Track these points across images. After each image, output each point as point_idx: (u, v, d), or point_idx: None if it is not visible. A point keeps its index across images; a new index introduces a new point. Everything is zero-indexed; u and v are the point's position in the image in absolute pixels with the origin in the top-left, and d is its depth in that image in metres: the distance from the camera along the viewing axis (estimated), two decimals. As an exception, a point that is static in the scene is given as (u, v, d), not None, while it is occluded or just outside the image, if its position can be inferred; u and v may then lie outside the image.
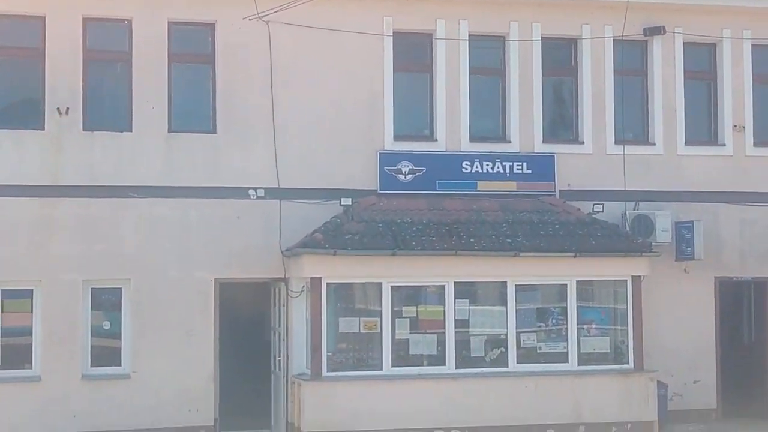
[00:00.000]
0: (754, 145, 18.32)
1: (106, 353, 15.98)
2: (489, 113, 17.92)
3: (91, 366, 15.69)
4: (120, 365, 15.82)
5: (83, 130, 15.62)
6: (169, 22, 16.05)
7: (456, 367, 15.84)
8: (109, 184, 15.83)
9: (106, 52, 16.51)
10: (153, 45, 16.29)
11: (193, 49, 16.85)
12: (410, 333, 15.87)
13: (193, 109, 16.72)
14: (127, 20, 15.95)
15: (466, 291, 16.26)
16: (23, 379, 15.54)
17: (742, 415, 18.08)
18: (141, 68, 16.19)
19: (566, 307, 16.32)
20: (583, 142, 17.88)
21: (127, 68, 16.16)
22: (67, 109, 15.47)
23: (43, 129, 15.56)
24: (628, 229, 17.21)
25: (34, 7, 15.86)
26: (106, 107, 16.43)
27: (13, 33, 15.97)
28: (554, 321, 16.61)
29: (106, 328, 15.94)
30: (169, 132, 16.03)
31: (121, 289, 15.82)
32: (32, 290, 15.51)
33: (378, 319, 15.79)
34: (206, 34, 16.46)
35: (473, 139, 17.44)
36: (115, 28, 16.23)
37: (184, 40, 16.70)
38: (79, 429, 15.32)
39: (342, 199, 16.50)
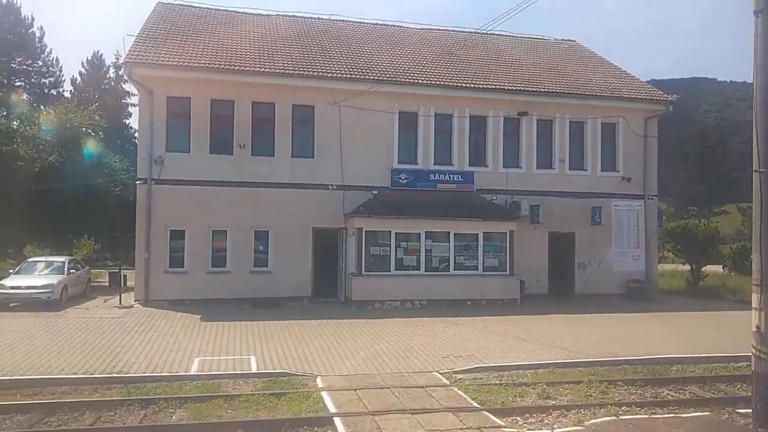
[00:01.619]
0: (569, 169, 21.67)
1: (261, 260, 19.25)
2: (443, 151, 20.80)
3: (254, 266, 19.13)
4: (268, 266, 19.23)
5: (252, 155, 19.16)
6: (292, 105, 19.51)
7: (425, 271, 19.23)
8: (264, 181, 19.10)
9: (261, 118, 19.35)
10: (284, 116, 19.45)
11: (304, 117, 19.68)
12: (404, 255, 19.19)
13: (303, 146, 19.63)
14: (272, 103, 19.35)
15: (430, 235, 19.32)
16: (222, 272, 18.80)
17: (561, 296, 20.79)
18: (279, 126, 19.37)
19: (477, 244, 19.62)
20: (488, 166, 20.99)
21: (271, 126, 19.37)
22: (244, 144, 19.09)
23: (232, 154, 19.07)
24: (508, 208, 20.51)
25: (228, 95, 19.04)
26: (262, 144, 19.32)
27: (219, 108, 19.10)
28: (471, 251, 19.68)
29: (261, 249, 19.34)
30: (292, 157, 19.47)
31: (268, 231, 19.22)
32: (226, 230, 18.98)
33: (388, 248, 19.06)
34: (310, 111, 19.68)
35: (436, 163, 20.58)
36: (266, 107, 19.35)
37: (300, 114, 19.64)
38: (249, 295, 18.28)
39: (372, 191, 19.73)
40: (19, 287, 17.76)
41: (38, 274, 19.10)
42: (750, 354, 7.44)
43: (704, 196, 63.28)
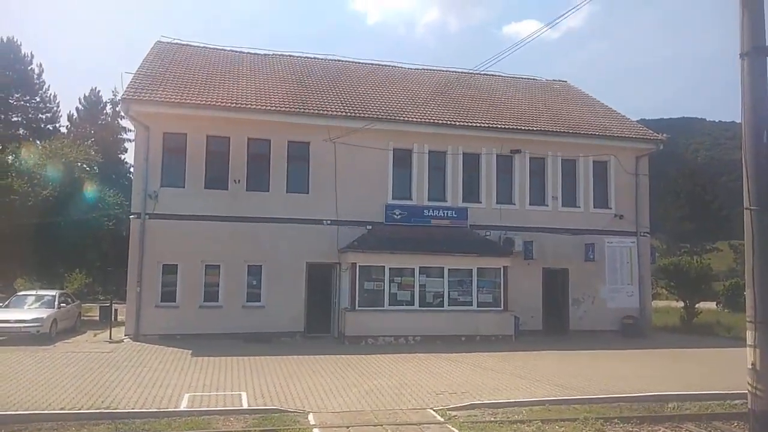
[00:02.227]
0: (561, 206, 21.74)
1: (253, 295, 18.99)
2: (437, 187, 20.83)
3: (246, 301, 18.90)
4: (260, 301, 18.99)
5: (246, 190, 19.14)
6: (288, 141, 19.58)
7: (419, 307, 19.00)
8: (258, 215, 19.05)
9: (257, 154, 19.37)
10: (280, 152, 19.49)
11: (299, 154, 19.75)
12: (398, 290, 18.99)
13: (298, 182, 19.55)
14: (267, 140, 19.44)
15: (424, 270, 19.17)
16: (214, 306, 18.64)
17: (555, 332, 20.59)
18: (274, 162, 19.42)
19: (471, 280, 19.45)
20: (481, 202, 21.07)
21: (267, 162, 19.39)
22: (239, 180, 19.06)
23: (227, 189, 19.02)
24: (501, 244, 20.49)
25: (224, 132, 19.12)
26: (257, 180, 19.30)
27: (215, 144, 19.15)
28: (465, 286, 19.46)
29: (254, 283, 19.08)
30: (286, 192, 19.44)
31: (261, 265, 19.03)
32: (219, 265, 18.78)
33: (382, 283, 18.85)
34: (305, 147, 19.74)
35: (429, 199, 20.62)
36: (262, 143, 19.36)
37: (295, 150, 19.68)
38: (241, 330, 18.04)
39: (367, 226, 19.72)
40: (8, 321, 17.53)
41: (28, 308, 18.93)
42: (746, 391, 7.38)
43: (696, 234, 63.51)
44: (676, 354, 17.72)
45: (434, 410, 9.94)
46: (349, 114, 20.10)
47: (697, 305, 25.94)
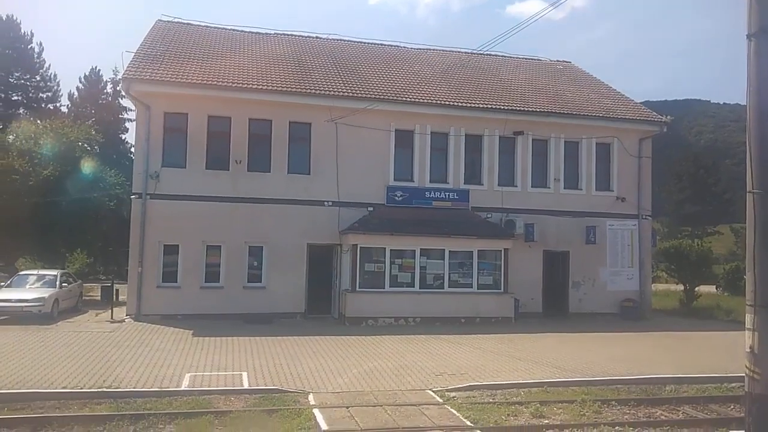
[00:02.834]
0: (564, 188, 21.69)
1: (254, 276, 19.09)
2: (439, 169, 20.78)
3: (247, 281, 19.00)
4: (261, 282, 19.08)
5: (247, 171, 19.09)
6: (289, 122, 19.47)
7: (420, 288, 19.04)
8: (259, 197, 19.01)
9: (258, 134, 19.33)
10: (281, 133, 19.42)
11: (301, 134, 19.67)
12: (398, 272, 19.04)
13: (299, 163, 19.53)
14: (269, 120, 19.32)
15: (425, 252, 19.18)
16: (215, 287, 18.70)
17: (555, 314, 20.67)
18: (276, 143, 19.37)
19: (472, 262, 19.48)
20: (483, 184, 21.00)
21: (268, 143, 19.31)
22: (240, 160, 19.02)
23: (228, 170, 18.97)
24: (503, 226, 20.47)
25: (225, 112, 19.02)
26: (259, 161, 19.23)
27: (216, 124, 19.05)
28: (466, 268, 19.51)
29: (255, 264, 19.15)
30: (288, 173, 19.41)
31: (263, 246, 19.09)
32: (220, 246, 18.79)
33: (383, 264, 18.90)
34: (307, 128, 19.66)
35: (431, 181, 20.56)
36: (263, 123, 19.30)
37: (296, 130, 19.60)
38: (242, 311, 18.21)
39: (368, 207, 19.74)
40: (9, 300, 17.61)
41: (30, 288, 19.02)
42: (743, 375, 7.37)
43: (698, 217, 63.52)
44: (675, 337, 17.77)
45: (433, 391, 10.02)
46: (350, 94, 19.96)
47: (696, 288, 25.95)
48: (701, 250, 26.22)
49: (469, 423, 8.23)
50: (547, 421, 8.62)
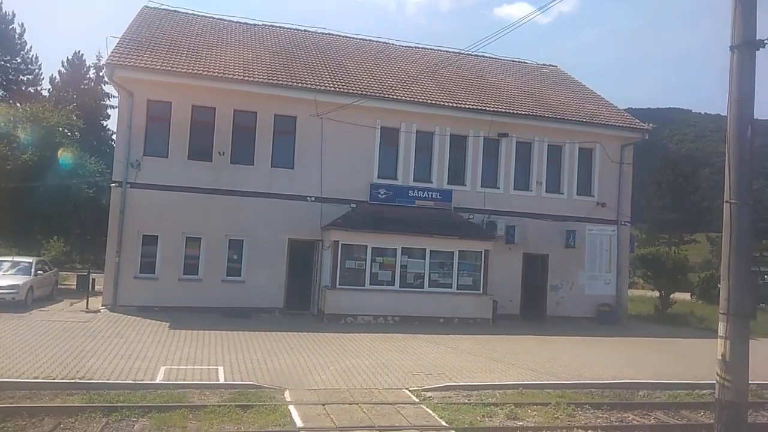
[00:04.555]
0: (545, 192, 21.80)
1: (234, 269, 18.96)
2: (423, 168, 20.77)
3: (226, 275, 18.86)
4: (240, 276, 18.94)
5: (230, 163, 18.94)
6: (274, 115, 19.35)
7: (400, 287, 19.03)
8: (241, 189, 18.86)
9: (242, 126, 19.16)
10: (266, 125, 19.29)
11: (285, 128, 19.50)
12: (379, 269, 18.99)
13: (283, 157, 19.36)
14: (254, 112, 19.19)
15: (406, 251, 19.14)
16: (194, 279, 18.56)
17: (533, 317, 20.76)
18: (260, 135, 19.22)
19: (452, 262, 19.49)
20: (466, 185, 20.98)
21: (252, 135, 19.18)
22: (223, 152, 18.85)
23: (211, 161, 18.81)
24: (484, 227, 20.55)
25: (210, 102, 18.82)
26: (242, 153, 19.07)
27: (200, 114, 18.87)
28: (446, 268, 19.51)
29: (234, 258, 19.02)
30: (271, 167, 19.26)
31: (243, 240, 18.95)
32: (200, 238, 18.68)
33: (364, 261, 18.83)
34: (292, 121, 19.55)
35: (415, 180, 20.52)
36: (248, 115, 19.14)
37: (281, 124, 19.47)
38: (220, 304, 18.03)
39: (351, 204, 19.65)
40: (-18, 287, 17.12)
41: (3, 274, 18.67)
42: (714, 382, 7.52)
43: (675, 224, 64.37)
44: (650, 343, 17.99)
45: (410, 390, 10.05)
46: (337, 89, 19.85)
47: (672, 295, 26.30)
48: (677, 258, 26.59)
49: (444, 423, 8.27)
50: (521, 423, 8.68)
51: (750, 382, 7.56)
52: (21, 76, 53.07)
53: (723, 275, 7.53)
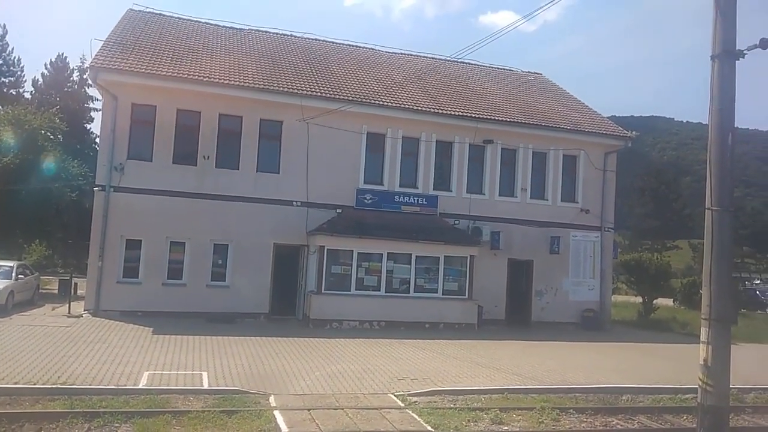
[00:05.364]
0: (530, 198, 21.95)
1: (218, 274, 18.85)
2: (409, 174, 20.85)
3: (211, 280, 18.72)
4: (225, 281, 18.83)
5: (215, 167, 18.84)
6: (260, 119, 19.28)
7: (385, 292, 19.09)
8: (226, 193, 18.75)
9: (228, 130, 19.09)
10: (251, 130, 19.22)
11: (271, 133, 19.47)
12: (365, 275, 19.00)
13: (269, 161, 19.29)
14: (239, 116, 19.12)
15: (392, 256, 19.21)
16: (178, 284, 18.35)
17: (518, 322, 20.93)
18: (246, 140, 19.16)
19: (438, 268, 19.56)
20: (452, 191, 21.10)
21: (237, 140, 19.10)
22: (208, 156, 18.76)
23: (196, 165, 18.71)
24: (470, 233, 20.60)
25: (195, 106, 18.73)
26: (227, 157, 18.96)
27: (185, 118, 18.72)
28: (432, 274, 19.60)
29: (219, 263, 18.93)
30: (257, 171, 19.18)
31: (228, 244, 18.86)
32: (184, 242, 18.54)
33: (350, 267, 18.84)
34: (278, 126, 19.48)
35: (401, 185, 20.58)
36: (233, 119, 19.10)
37: (267, 128, 19.40)
38: (204, 309, 17.90)
39: (337, 209, 19.63)
40: (-38, 291, 16.84)
41: (-17, 278, 18.20)
42: (696, 386, 7.62)
43: (658, 231, 65.11)
44: (633, 348, 18.14)
45: (395, 395, 10.04)
46: (323, 95, 19.88)
47: (654, 301, 26.60)
48: (660, 264, 26.96)
49: (429, 428, 8.28)
50: (506, 428, 8.71)
51: (732, 386, 7.66)
52: (3, 78, 52.43)
53: (705, 281, 7.64)
